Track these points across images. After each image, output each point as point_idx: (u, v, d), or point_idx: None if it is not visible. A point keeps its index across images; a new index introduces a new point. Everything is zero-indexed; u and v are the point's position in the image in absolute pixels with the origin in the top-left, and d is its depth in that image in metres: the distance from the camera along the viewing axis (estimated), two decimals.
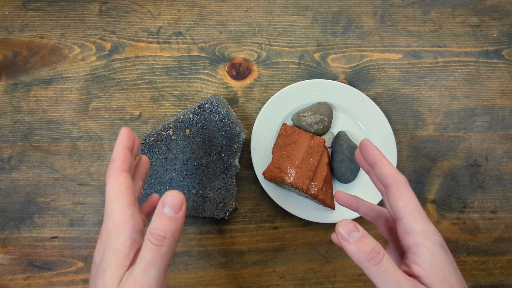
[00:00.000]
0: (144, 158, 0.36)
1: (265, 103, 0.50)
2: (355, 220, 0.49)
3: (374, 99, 0.53)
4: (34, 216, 0.47)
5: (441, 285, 0.25)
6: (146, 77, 0.53)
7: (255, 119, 0.50)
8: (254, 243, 0.48)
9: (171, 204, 0.26)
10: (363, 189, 0.48)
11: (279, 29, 0.56)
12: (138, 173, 0.35)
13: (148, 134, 0.46)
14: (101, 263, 0.26)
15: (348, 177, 0.48)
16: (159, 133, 0.46)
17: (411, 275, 0.26)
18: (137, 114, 0.52)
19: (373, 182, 0.32)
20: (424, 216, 0.28)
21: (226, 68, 0.54)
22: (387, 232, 0.33)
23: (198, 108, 0.46)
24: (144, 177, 0.36)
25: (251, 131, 0.50)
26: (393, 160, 0.49)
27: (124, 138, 0.30)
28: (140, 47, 0.54)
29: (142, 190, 0.46)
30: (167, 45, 0.54)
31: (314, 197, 0.45)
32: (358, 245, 0.26)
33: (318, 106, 0.50)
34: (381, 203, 0.49)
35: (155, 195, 0.37)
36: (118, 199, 0.27)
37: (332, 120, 0.51)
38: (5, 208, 0.48)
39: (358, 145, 0.50)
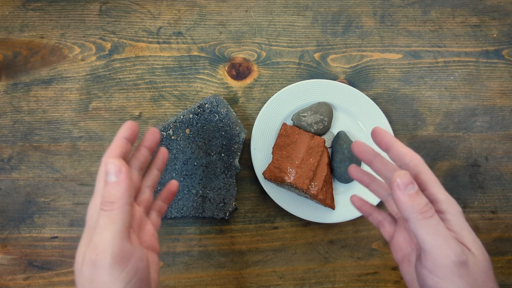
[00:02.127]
0: (162, 149, 0.38)
1: (265, 103, 0.50)
2: (356, 220, 0.49)
3: (374, 99, 0.53)
4: (34, 216, 0.47)
5: (474, 246, 0.27)
6: (146, 77, 0.53)
7: (255, 119, 0.50)
8: (254, 243, 0.48)
9: (111, 171, 0.27)
10: (363, 189, 0.48)
11: (279, 29, 0.56)
12: (155, 164, 0.37)
13: None
14: (88, 228, 0.29)
15: (348, 177, 0.48)
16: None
17: None
18: (137, 114, 0.52)
19: (376, 171, 0.32)
20: (443, 188, 0.29)
21: (226, 68, 0.54)
22: (397, 211, 0.34)
23: (198, 108, 0.46)
24: (160, 167, 0.37)
25: (251, 131, 0.50)
26: None
27: (123, 129, 0.32)
28: (140, 47, 0.54)
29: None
30: (167, 45, 0.54)
31: (314, 197, 0.45)
32: (414, 197, 0.26)
33: (318, 106, 0.50)
34: (379, 205, 0.49)
35: (174, 182, 0.38)
36: (101, 179, 0.30)
37: (332, 120, 0.51)
38: (5, 208, 0.48)
39: None
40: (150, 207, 0.36)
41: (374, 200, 0.48)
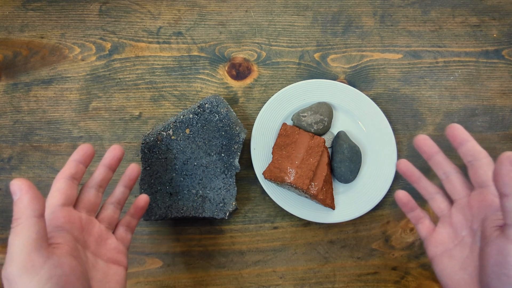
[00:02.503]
0: (131, 166, 0.39)
1: (265, 103, 0.50)
2: (356, 219, 0.49)
3: (374, 99, 0.53)
4: None
5: None
6: (146, 77, 0.53)
7: (255, 119, 0.50)
8: (254, 243, 0.48)
9: (13, 190, 0.29)
10: (363, 189, 0.48)
11: (279, 29, 0.56)
12: (121, 181, 0.39)
13: (148, 134, 0.46)
14: None
15: (348, 177, 0.48)
16: (159, 133, 0.46)
17: None
18: (137, 114, 0.52)
19: (436, 166, 0.37)
20: None
21: (226, 68, 0.54)
22: (444, 208, 0.36)
23: (198, 108, 0.46)
24: (128, 184, 0.39)
25: (251, 131, 0.50)
26: (393, 160, 0.49)
27: (75, 151, 0.35)
28: (140, 47, 0.54)
29: (142, 191, 0.46)
30: (167, 45, 0.54)
31: (314, 197, 0.45)
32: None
33: (318, 106, 0.50)
34: (384, 200, 0.49)
35: (142, 196, 0.40)
36: (48, 199, 0.33)
37: (332, 120, 0.51)
38: (5, 208, 0.48)
39: (358, 145, 0.50)
40: (117, 223, 0.38)
41: (376, 197, 0.48)
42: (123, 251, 0.36)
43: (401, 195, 0.39)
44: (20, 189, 0.29)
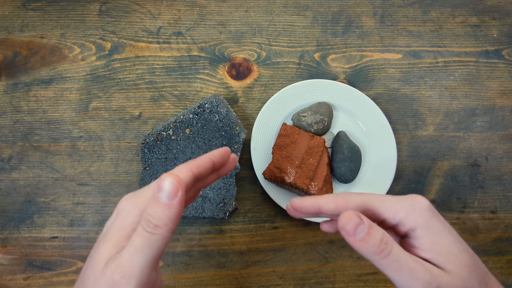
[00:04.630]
0: (232, 157, 0.33)
1: (265, 103, 0.50)
2: None
3: (374, 99, 0.53)
4: (34, 216, 0.47)
5: (449, 261, 0.25)
6: (146, 77, 0.53)
7: (255, 119, 0.50)
8: (254, 243, 0.48)
9: (166, 190, 0.24)
10: (364, 189, 0.48)
11: (279, 29, 0.56)
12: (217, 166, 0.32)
13: (148, 134, 0.46)
14: (103, 235, 0.26)
15: (348, 177, 0.48)
16: (159, 133, 0.46)
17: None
18: (137, 114, 0.52)
19: (330, 215, 0.30)
20: (394, 199, 0.27)
21: (226, 68, 0.54)
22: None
23: (198, 108, 0.46)
24: (219, 171, 0.32)
25: (251, 131, 0.50)
26: (393, 160, 0.49)
27: (217, 152, 0.30)
28: (140, 47, 0.54)
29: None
30: (167, 45, 0.54)
31: None
32: (366, 240, 0.24)
33: (318, 106, 0.50)
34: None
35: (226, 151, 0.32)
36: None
37: (332, 120, 0.51)
38: (5, 208, 0.48)
39: (358, 145, 0.50)
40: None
41: None
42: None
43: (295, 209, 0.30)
44: (175, 195, 0.24)
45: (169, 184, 0.24)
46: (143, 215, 0.24)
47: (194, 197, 0.33)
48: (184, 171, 0.27)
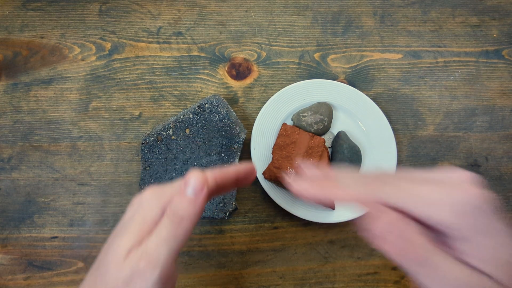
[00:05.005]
0: (251, 167, 0.32)
1: (265, 103, 0.50)
2: (356, 219, 0.49)
3: (374, 99, 0.53)
4: (34, 216, 0.47)
5: (497, 267, 0.20)
6: (146, 77, 0.53)
7: (255, 119, 0.50)
8: (254, 243, 0.48)
9: (193, 185, 0.25)
10: None
11: (279, 29, 0.56)
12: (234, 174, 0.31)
13: (148, 134, 0.46)
14: (123, 225, 0.26)
15: None
16: (159, 133, 0.46)
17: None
18: (137, 114, 0.52)
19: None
20: (430, 192, 0.21)
21: (226, 68, 0.54)
22: None
23: (198, 108, 0.46)
24: (237, 182, 0.31)
25: (251, 131, 0.50)
26: (393, 160, 0.49)
27: (244, 167, 0.29)
28: (140, 47, 0.54)
29: (142, 191, 0.46)
30: (167, 45, 0.54)
31: None
32: (403, 251, 0.20)
33: (318, 106, 0.50)
34: None
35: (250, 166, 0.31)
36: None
37: (332, 120, 0.51)
38: (5, 208, 0.48)
39: (358, 145, 0.50)
40: None
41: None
42: None
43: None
44: (201, 191, 0.25)
45: (196, 180, 0.25)
46: (169, 207, 0.25)
47: (206, 202, 0.33)
48: (210, 176, 0.27)
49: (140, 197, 0.27)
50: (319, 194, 0.25)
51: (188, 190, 0.25)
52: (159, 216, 0.26)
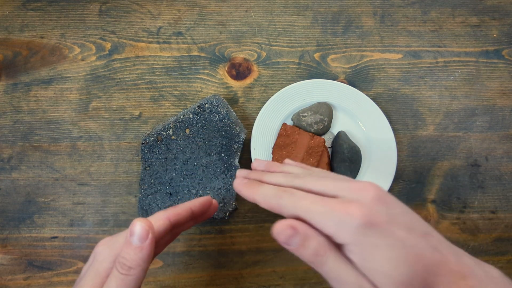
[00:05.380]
0: (214, 202, 0.37)
1: (265, 103, 0.50)
2: None
3: (374, 99, 0.53)
4: (34, 216, 0.47)
5: (380, 280, 0.23)
6: (146, 77, 0.53)
7: (255, 119, 0.50)
8: (254, 243, 0.48)
9: (137, 234, 0.26)
10: None
11: (279, 29, 0.56)
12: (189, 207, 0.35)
13: (148, 134, 0.46)
14: (79, 280, 0.28)
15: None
16: (159, 133, 0.46)
17: None
18: (137, 114, 0.52)
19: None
20: (326, 205, 0.25)
21: (226, 68, 0.54)
22: None
23: (198, 108, 0.46)
24: (195, 216, 0.35)
25: (251, 131, 0.50)
26: (393, 160, 0.49)
27: (198, 201, 0.33)
28: (140, 47, 0.54)
29: (142, 191, 0.46)
30: (167, 45, 0.54)
31: None
32: (300, 251, 0.25)
33: (318, 106, 0.50)
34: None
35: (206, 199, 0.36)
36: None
37: (332, 120, 0.51)
38: (5, 208, 0.48)
39: (358, 145, 0.50)
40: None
41: None
42: None
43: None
44: (145, 237, 0.26)
45: (140, 228, 0.26)
46: (117, 259, 0.26)
47: (171, 240, 0.36)
48: (162, 218, 0.29)
49: (94, 249, 0.29)
50: (245, 193, 0.31)
51: (133, 240, 0.26)
52: (112, 267, 0.27)
